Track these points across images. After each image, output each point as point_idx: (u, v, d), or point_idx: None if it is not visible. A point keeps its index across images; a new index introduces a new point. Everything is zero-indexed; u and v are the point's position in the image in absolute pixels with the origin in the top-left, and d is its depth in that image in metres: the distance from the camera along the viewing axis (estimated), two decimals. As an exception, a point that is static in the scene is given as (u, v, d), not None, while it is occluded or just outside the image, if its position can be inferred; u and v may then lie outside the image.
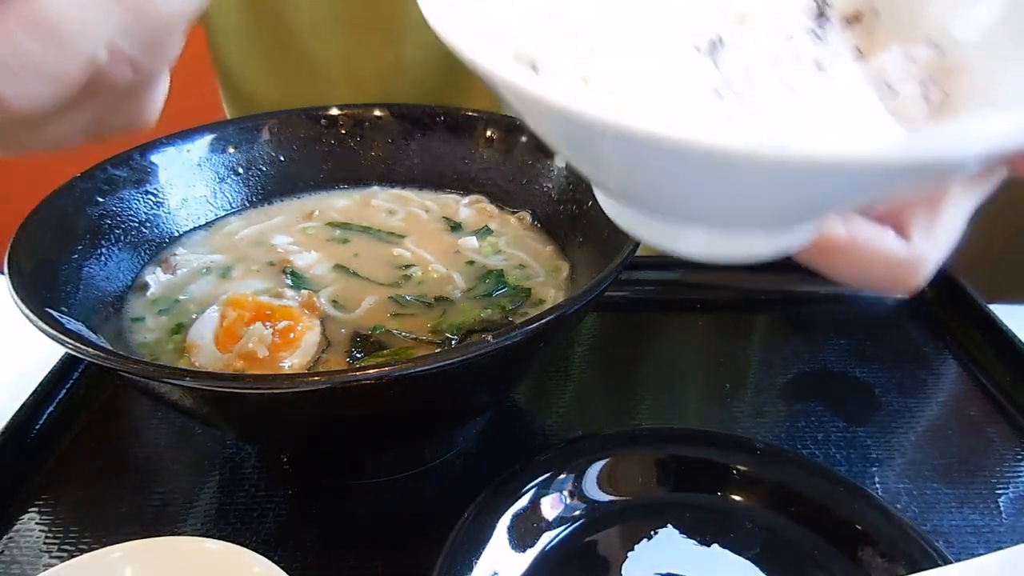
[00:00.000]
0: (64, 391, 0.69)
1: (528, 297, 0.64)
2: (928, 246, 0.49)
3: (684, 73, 0.40)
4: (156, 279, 0.65)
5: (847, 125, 0.39)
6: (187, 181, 0.72)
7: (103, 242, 0.64)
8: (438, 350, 0.58)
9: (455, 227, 0.73)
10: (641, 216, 0.44)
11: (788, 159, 0.30)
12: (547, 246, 0.70)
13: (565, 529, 0.53)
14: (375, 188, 0.78)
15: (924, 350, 0.76)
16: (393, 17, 0.87)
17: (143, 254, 0.68)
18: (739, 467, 0.56)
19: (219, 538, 0.49)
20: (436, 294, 0.64)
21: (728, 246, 0.44)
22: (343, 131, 0.77)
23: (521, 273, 0.67)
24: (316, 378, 0.46)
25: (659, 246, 0.44)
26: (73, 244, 0.61)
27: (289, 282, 0.65)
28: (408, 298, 0.64)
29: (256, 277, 0.66)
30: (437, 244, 0.71)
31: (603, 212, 0.60)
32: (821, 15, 0.45)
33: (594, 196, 0.66)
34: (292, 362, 0.57)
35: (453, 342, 0.59)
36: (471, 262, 0.69)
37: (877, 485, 0.61)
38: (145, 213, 0.69)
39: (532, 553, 0.52)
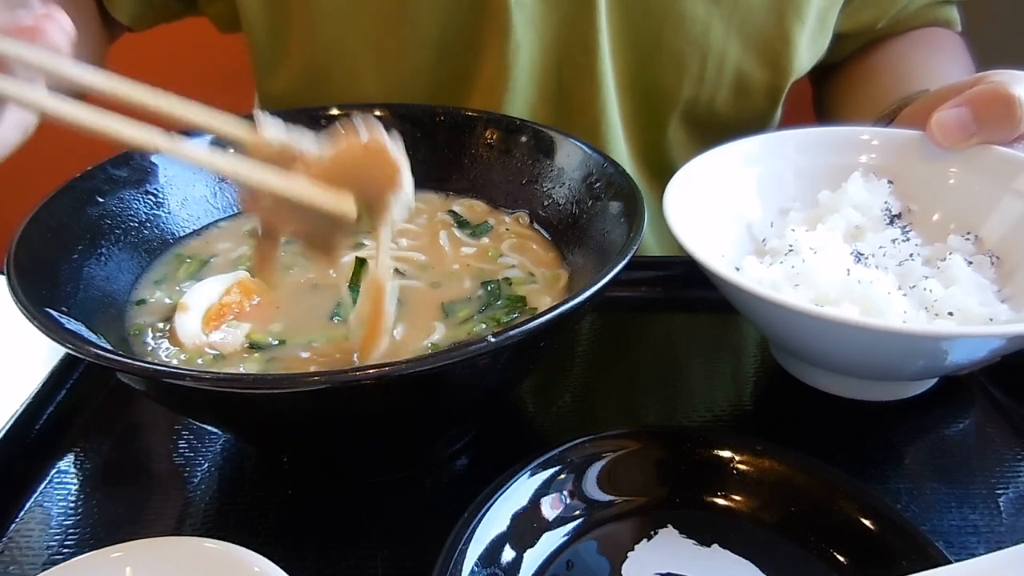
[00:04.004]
0: (64, 391, 0.69)
1: (523, 307, 0.64)
2: None
3: (881, 282, 0.64)
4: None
5: (969, 304, 0.63)
6: (187, 181, 0.72)
7: (103, 242, 0.64)
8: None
9: (456, 228, 0.73)
10: (823, 373, 0.68)
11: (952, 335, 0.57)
12: (549, 252, 0.70)
13: (565, 529, 0.53)
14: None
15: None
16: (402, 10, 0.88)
17: (143, 254, 0.68)
18: (739, 467, 0.56)
19: (219, 538, 0.49)
20: (436, 302, 0.64)
21: (892, 392, 0.68)
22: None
23: (519, 278, 0.67)
24: (316, 378, 0.46)
25: (838, 394, 0.68)
26: (73, 244, 0.61)
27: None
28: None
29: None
30: (436, 247, 0.71)
31: (602, 213, 0.64)
32: (891, 216, 0.73)
33: (593, 196, 0.67)
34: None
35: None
36: (470, 266, 0.69)
37: (877, 485, 0.61)
38: (145, 213, 0.69)
39: (532, 553, 0.52)
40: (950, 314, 0.62)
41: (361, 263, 0.65)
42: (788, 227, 0.72)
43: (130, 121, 0.48)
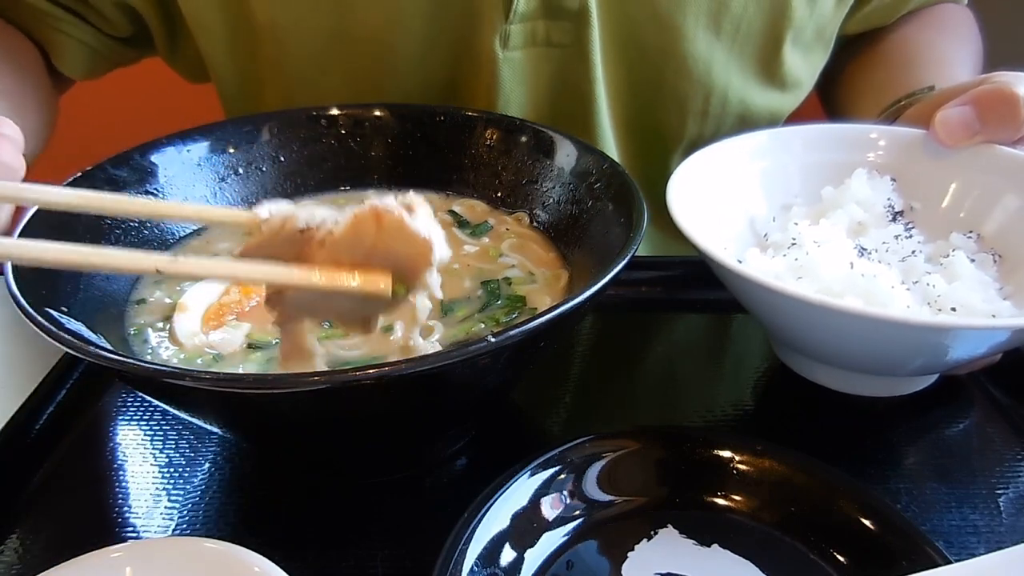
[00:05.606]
0: (64, 391, 0.69)
1: (523, 307, 0.64)
2: None
3: (882, 276, 0.64)
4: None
5: (972, 300, 0.63)
6: (187, 181, 0.72)
7: (103, 242, 0.64)
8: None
9: (456, 228, 0.73)
10: (823, 368, 0.68)
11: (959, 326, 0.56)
12: (549, 252, 0.70)
13: (565, 529, 0.53)
14: (370, 192, 0.77)
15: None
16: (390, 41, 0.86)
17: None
18: (739, 467, 0.56)
19: (219, 538, 0.49)
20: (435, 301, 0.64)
21: (892, 388, 0.68)
22: (343, 131, 0.77)
23: (519, 278, 0.67)
24: (316, 378, 0.46)
25: (838, 390, 0.68)
26: (73, 244, 0.61)
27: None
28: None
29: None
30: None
31: (602, 213, 0.64)
32: (894, 214, 0.74)
33: (593, 196, 0.67)
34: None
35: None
36: (470, 266, 0.69)
37: (877, 485, 0.61)
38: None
39: (532, 553, 0.52)
40: (953, 310, 0.62)
41: None
42: (791, 221, 0.72)
43: (121, 251, 0.45)
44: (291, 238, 0.48)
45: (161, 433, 0.66)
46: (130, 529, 0.58)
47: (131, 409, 0.68)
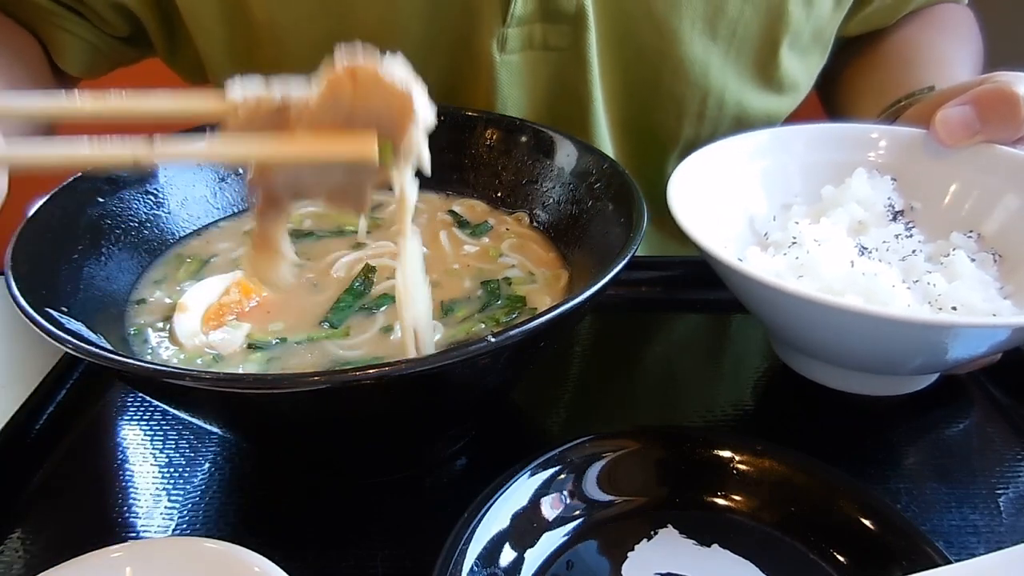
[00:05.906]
0: (64, 391, 0.69)
1: (523, 307, 0.64)
2: None
3: (882, 274, 0.64)
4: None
5: (972, 300, 0.63)
6: (187, 181, 0.72)
7: (103, 242, 0.64)
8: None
9: (456, 228, 0.73)
10: (824, 367, 0.68)
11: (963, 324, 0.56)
12: (549, 252, 0.70)
13: (565, 529, 0.53)
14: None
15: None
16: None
17: (143, 254, 0.68)
18: (739, 467, 0.56)
19: (219, 538, 0.49)
20: (435, 301, 0.64)
21: (892, 387, 0.68)
22: (343, 131, 0.77)
23: (519, 278, 0.67)
24: (316, 378, 0.46)
25: (838, 389, 0.68)
26: (73, 244, 0.61)
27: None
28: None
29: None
30: (436, 247, 0.71)
31: (602, 213, 0.64)
32: (894, 213, 0.74)
33: (593, 196, 0.67)
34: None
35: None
36: (470, 266, 0.69)
37: (877, 485, 0.61)
38: (145, 213, 0.69)
39: (532, 553, 0.52)
40: (953, 308, 0.62)
41: (370, 268, 0.65)
42: (791, 220, 0.72)
43: (99, 141, 0.44)
44: (269, 118, 0.46)
45: (161, 433, 0.66)
46: (130, 529, 0.58)
47: (131, 409, 0.68)
